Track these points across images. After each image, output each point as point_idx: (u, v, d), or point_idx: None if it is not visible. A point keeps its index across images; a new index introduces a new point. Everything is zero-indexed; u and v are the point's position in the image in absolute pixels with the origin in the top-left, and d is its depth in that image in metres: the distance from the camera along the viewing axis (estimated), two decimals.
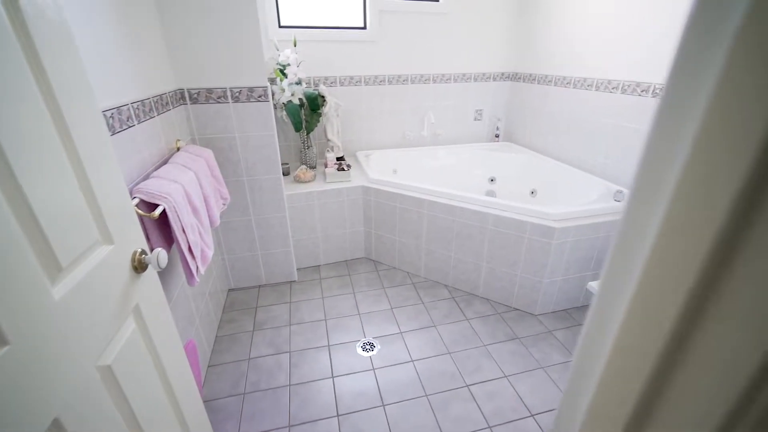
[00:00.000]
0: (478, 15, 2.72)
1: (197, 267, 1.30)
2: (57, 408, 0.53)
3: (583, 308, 2.04)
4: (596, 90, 2.23)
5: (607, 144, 2.21)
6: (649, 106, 1.91)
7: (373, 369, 1.67)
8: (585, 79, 2.30)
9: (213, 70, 1.70)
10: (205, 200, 1.49)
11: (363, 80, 2.68)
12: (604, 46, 2.15)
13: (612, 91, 2.12)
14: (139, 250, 0.75)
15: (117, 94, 1.15)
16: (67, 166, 0.60)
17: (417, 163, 2.85)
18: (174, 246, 1.32)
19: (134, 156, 1.21)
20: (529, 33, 2.76)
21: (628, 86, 2.02)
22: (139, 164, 1.23)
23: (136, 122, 1.24)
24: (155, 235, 1.17)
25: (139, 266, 0.74)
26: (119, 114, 1.14)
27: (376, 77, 2.69)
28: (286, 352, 1.77)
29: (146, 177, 1.25)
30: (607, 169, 2.22)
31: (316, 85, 2.57)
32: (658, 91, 1.86)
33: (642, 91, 1.94)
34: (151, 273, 0.81)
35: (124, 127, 1.16)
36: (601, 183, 2.14)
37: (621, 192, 1.99)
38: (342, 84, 2.65)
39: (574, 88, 2.40)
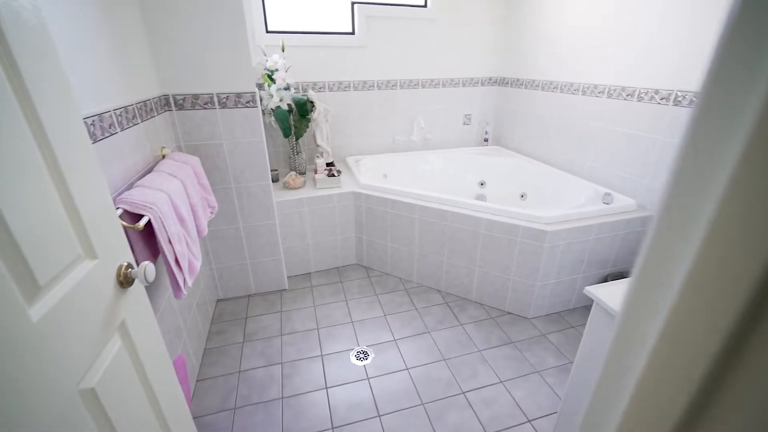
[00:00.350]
0: (465, 21, 2.74)
1: (184, 279, 1.26)
2: None
3: (575, 311, 2.05)
4: (583, 94, 2.26)
5: (594, 147, 2.24)
6: (635, 109, 1.95)
7: (368, 378, 1.64)
8: (572, 84, 2.34)
9: (199, 76, 1.66)
10: (192, 209, 1.45)
11: (352, 85, 2.66)
12: (589, 51, 2.19)
13: (598, 95, 2.16)
14: (125, 263, 0.71)
15: (98, 101, 1.11)
16: (46, 177, 0.56)
17: (407, 167, 2.84)
18: (160, 258, 1.27)
19: (117, 165, 1.16)
20: (515, 39, 2.80)
21: (614, 90, 2.06)
22: (122, 173, 1.19)
23: (118, 129, 1.20)
24: (140, 247, 1.12)
25: (125, 281, 0.70)
26: (101, 121, 1.09)
27: (365, 82, 2.69)
28: (278, 364, 1.72)
29: (130, 186, 1.21)
30: (595, 172, 2.25)
31: (305, 90, 2.55)
32: (643, 95, 1.90)
33: (627, 96, 1.98)
34: (137, 287, 0.77)
35: (106, 134, 1.12)
36: (589, 186, 2.17)
37: (609, 194, 2.01)
38: (331, 89, 2.63)
39: (561, 92, 2.43)
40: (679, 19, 1.69)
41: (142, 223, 1.05)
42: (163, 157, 1.50)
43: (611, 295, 1.02)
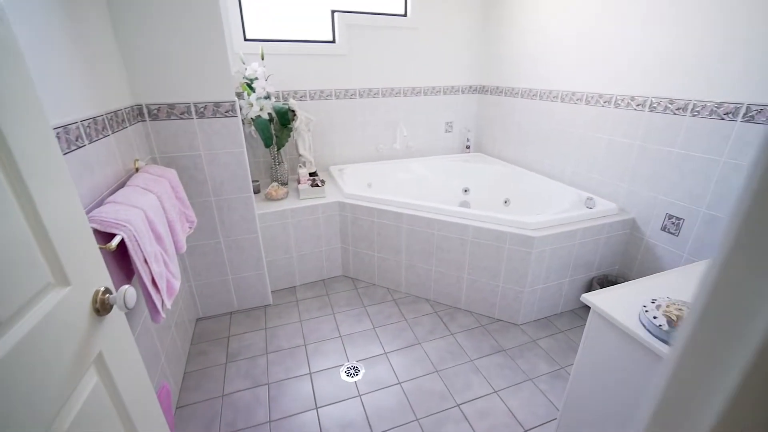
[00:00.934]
0: (445, 30, 2.77)
1: (162, 301, 1.17)
2: None
3: (563, 315, 2.06)
4: (561, 101, 2.32)
5: (574, 153, 2.29)
6: (612, 116, 2.00)
7: (359, 395, 1.58)
8: (550, 91, 2.39)
9: (175, 84, 1.58)
10: (170, 225, 1.36)
11: (333, 94, 2.63)
12: (566, 59, 2.25)
13: (576, 102, 2.21)
14: (102, 288, 0.64)
15: (64, 111, 1.03)
16: (9, 195, 0.50)
17: (391, 176, 2.82)
18: (135, 279, 1.18)
19: (85, 180, 1.08)
20: (494, 47, 2.85)
21: (592, 98, 2.11)
22: (91, 189, 1.10)
23: (86, 142, 1.11)
24: (112, 269, 1.04)
25: (102, 308, 0.63)
26: (66, 133, 1.01)
27: (346, 91, 2.66)
28: (264, 385, 1.64)
29: (100, 203, 1.12)
30: (576, 177, 2.30)
31: (286, 99, 2.49)
32: (619, 101, 1.95)
33: (605, 102, 2.04)
34: (116, 314, 0.70)
35: (73, 147, 1.03)
36: (572, 191, 2.21)
37: (592, 199, 2.05)
38: (312, 98, 2.58)
39: (540, 99, 2.49)
40: (654, 28, 1.76)
41: (115, 242, 0.96)
42: (137, 170, 1.41)
43: (607, 301, 1.02)
